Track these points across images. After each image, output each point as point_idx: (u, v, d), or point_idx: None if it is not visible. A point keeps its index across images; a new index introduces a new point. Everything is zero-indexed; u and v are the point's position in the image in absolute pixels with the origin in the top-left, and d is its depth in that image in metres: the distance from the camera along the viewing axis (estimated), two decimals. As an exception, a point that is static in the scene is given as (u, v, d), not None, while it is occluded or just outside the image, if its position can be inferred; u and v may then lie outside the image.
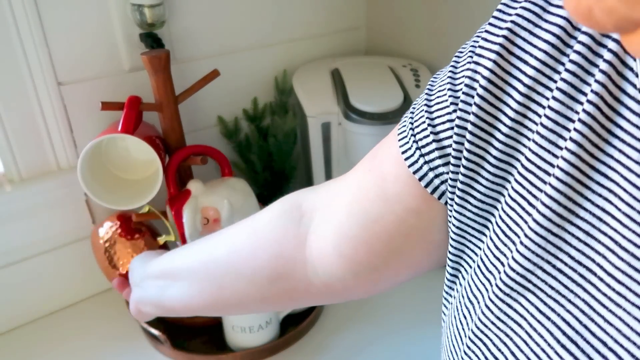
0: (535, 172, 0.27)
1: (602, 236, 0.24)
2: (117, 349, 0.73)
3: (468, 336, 0.31)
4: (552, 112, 0.26)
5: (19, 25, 0.65)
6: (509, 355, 0.28)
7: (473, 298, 0.31)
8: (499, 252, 0.29)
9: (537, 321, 0.26)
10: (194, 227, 0.66)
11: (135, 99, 0.66)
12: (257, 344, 0.70)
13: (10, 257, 0.74)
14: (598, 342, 0.24)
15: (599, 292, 0.24)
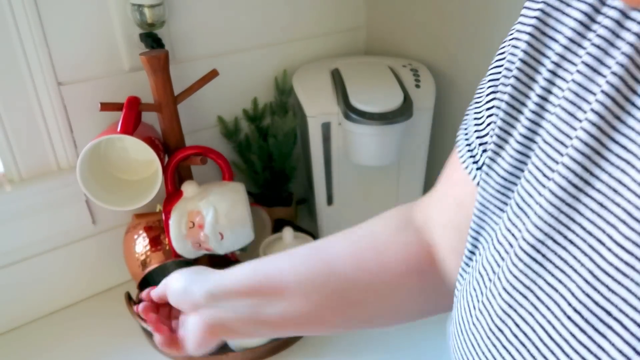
0: (553, 144, 0.27)
1: (615, 207, 0.24)
2: (117, 349, 0.73)
3: (477, 307, 0.31)
4: (575, 85, 0.27)
5: (19, 25, 0.65)
6: (513, 326, 0.28)
7: (484, 271, 0.31)
8: (513, 226, 0.29)
9: (545, 293, 0.26)
10: (178, 229, 0.66)
11: (134, 100, 0.65)
12: (257, 344, 0.70)
13: (10, 257, 0.74)
14: (602, 312, 0.24)
15: (606, 262, 0.24)
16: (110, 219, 0.82)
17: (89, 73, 0.73)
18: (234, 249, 0.70)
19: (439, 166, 1.07)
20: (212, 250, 0.69)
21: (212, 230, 0.66)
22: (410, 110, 0.76)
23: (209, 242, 0.67)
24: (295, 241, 0.76)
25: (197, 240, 0.67)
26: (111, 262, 0.83)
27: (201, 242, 0.67)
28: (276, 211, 0.95)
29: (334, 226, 0.93)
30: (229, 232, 0.67)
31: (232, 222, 0.67)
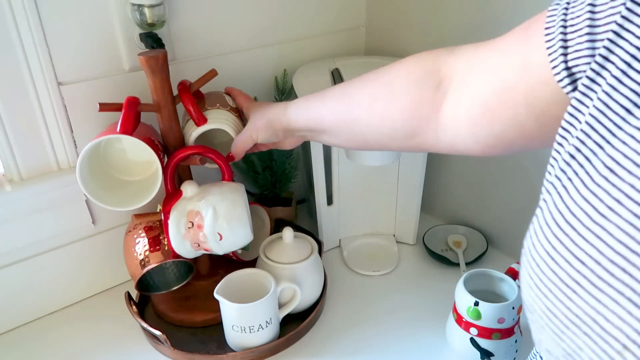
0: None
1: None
2: (117, 349, 0.73)
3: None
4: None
5: (19, 25, 0.65)
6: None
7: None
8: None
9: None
10: (177, 229, 0.66)
11: (134, 100, 0.65)
12: (257, 344, 0.70)
13: (10, 257, 0.74)
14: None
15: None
16: (110, 219, 0.82)
17: (89, 73, 0.73)
18: (233, 249, 0.70)
19: (439, 166, 1.07)
20: (210, 250, 0.69)
21: (211, 231, 0.66)
22: (410, 110, 0.76)
23: (208, 242, 0.67)
24: (295, 241, 0.76)
25: (196, 240, 0.67)
26: (111, 262, 0.83)
27: (200, 242, 0.67)
28: (276, 211, 0.95)
29: (334, 226, 0.93)
30: (228, 232, 0.67)
31: (231, 222, 0.67)
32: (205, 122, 0.69)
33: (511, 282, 0.67)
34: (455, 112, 0.47)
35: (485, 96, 0.43)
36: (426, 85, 0.49)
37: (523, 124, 0.41)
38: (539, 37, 0.37)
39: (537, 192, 0.92)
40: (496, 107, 0.42)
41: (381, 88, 0.53)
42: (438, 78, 0.48)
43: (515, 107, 0.40)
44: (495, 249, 0.93)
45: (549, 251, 0.32)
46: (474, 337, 0.65)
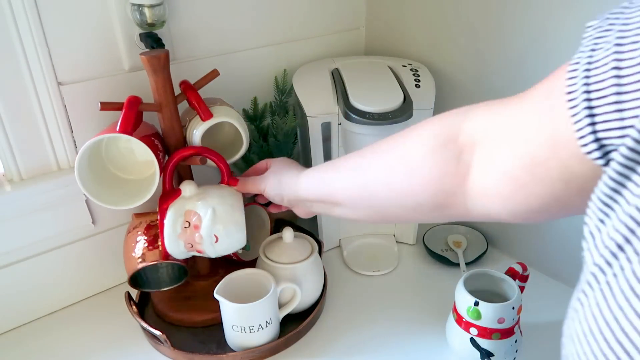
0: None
1: None
2: (117, 349, 0.73)
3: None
4: None
5: (19, 25, 0.65)
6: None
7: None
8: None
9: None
10: (172, 228, 0.66)
11: (135, 99, 0.65)
12: (257, 344, 0.70)
13: (10, 257, 0.74)
14: None
15: None
16: (110, 219, 0.82)
17: (89, 73, 0.73)
18: (226, 253, 0.70)
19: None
20: (203, 252, 0.68)
21: (208, 232, 0.66)
22: (410, 110, 0.76)
23: (203, 243, 0.67)
24: (295, 241, 0.76)
25: (191, 241, 0.67)
26: (111, 262, 0.83)
27: (194, 243, 0.67)
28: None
29: (334, 226, 0.93)
30: (224, 235, 0.67)
31: (229, 225, 0.67)
32: (211, 117, 0.69)
33: (511, 282, 0.67)
34: (484, 186, 0.43)
35: (514, 172, 0.39)
36: (445, 157, 0.45)
37: (563, 198, 0.37)
38: (561, 111, 0.33)
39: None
40: (530, 183, 0.38)
41: (396, 162, 0.50)
42: (457, 148, 0.44)
43: (552, 183, 0.36)
44: (495, 249, 0.93)
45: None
46: (474, 337, 0.65)
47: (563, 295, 0.79)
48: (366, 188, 0.54)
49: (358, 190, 0.55)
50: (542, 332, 0.73)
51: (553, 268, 0.84)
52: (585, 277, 0.30)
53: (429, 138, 0.47)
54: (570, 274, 0.82)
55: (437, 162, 0.46)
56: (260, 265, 0.75)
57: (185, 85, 0.71)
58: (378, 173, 0.52)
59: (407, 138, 0.50)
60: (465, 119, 0.45)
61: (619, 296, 0.26)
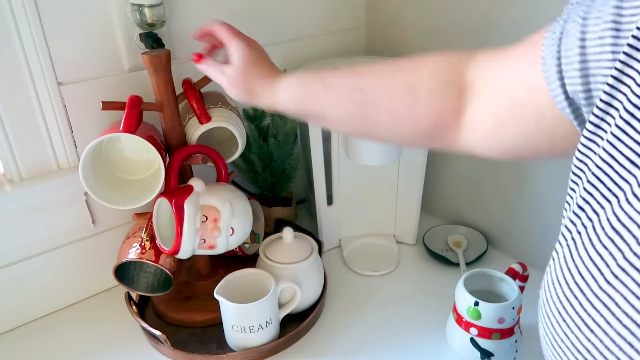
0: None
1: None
2: (117, 349, 0.73)
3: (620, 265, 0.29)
4: None
5: (19, 25, 0.65)
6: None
7: (623, 228, 0.30)
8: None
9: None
10: (193, 223, 0.66)
11: (136, 99, 0.66)
12: (257, 344, 0.70)
13: (10, 257, 0.74)
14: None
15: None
16: (110, 219, 0.82)
17: (89, 73, 0.73)
18: (235, 246, 0.72)
19: (439, 166, 1.07)
20: (214, 247, 0.69)
21: (226, 225, 0.68)
22: (410, 110, 0.76)
23: (220, 236, 0.68)
24: (295, 241, 0.76)
25: (206, 236, 0.68)
26: (111, 262, 0.82)
27: (209, 238, 0.68)
28: (276, 211, 0.95)
29: (334, 226, 0.93)
30: (239, 227, 0.70)
31: (244, 217, 0.71)
32: (209, 120, 0.70)
33: (511, 282, 0.67)
34: (473, 123, 0.46)
35: (498, 112, 0.43)
36: (450, 93, 0.47)
37: (533, 140, 0.41)
38: (539, 60, 0.37)
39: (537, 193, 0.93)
40: (508, 123, 0.42)
41: (402, 90, 0.50)
42: (461, 86, 0.47)
43: (525, 124, 0.41)
44: (495, 249, 0.93)
45: (560, 312, 0.32)
46: (474, 337, 0.65)
47: (563, 295, 0.79)
48: (363, 110, 0.52)
49: (352, 111, 0.53)
50: (542, 332, 0.73)
51: (553, 268, 0.84)
52: (559, 236, 0.34)
53: (438, 71, 0.48)
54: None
55: (442, 97, 0.48)
56: (260, 265, 0.76)
57: (187, 85, 0.71)
58: (381, 97, 0.51)
59: (415, 68, 0.50)
60: (471, 58, 0.47)
61: (581, 249, 0.31)
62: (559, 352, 0.32)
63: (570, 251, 0.32)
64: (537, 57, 0.37)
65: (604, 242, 0.29)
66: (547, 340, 0.34)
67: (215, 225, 0.68)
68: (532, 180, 0.83)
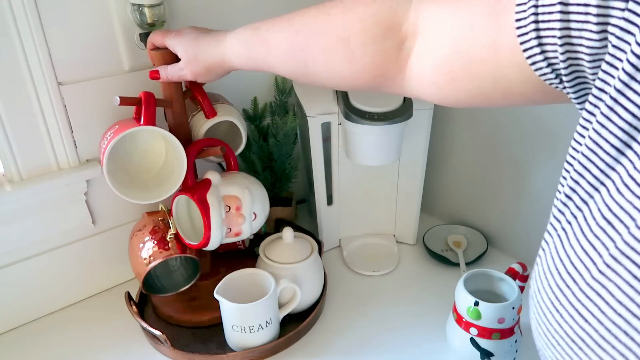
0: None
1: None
2: (117, 349, 0.73)
3: (612, 255, 0.29)
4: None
5: (19, 25, 0.65)
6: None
7: (614, 217, 0.29)
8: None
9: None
10: (219, 214, 0.68)
11: (151, 94, 0.67)
12: (257, 344, 0.70)
13: (10, 257, 0.74)
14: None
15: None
16: (110, 219, 0.82)
17: (89, 73, 0.73)
18: (256, 230, 0.75)
19: (439, 166, 1.07)
20: (240, 233, 0.72)
21: (249, 211, 0.70)
22: (410, 110, 0.76)
23: (244, 223, 0.71)
24: (295, 241, 0.76)
25: (232, 224, 0.70)
26: (111, 262, 0.83)
27: (234, 226, 0.70)
28: (276, 211, 0.95)
29: (334, 226, 0.93)
30: (260, 210, 0.73)
31: (263, 201, 0.73)
32: (216, 115, 0.72)
33: (511, 282, 0.67)
34: (420, 75, 0.44)
35: (451, 66, 0.40)
36: (388, 45, 0.45)
37: (489, 94, 0.40)
38: (508, 17, 0.34)
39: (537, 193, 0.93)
40: (462, 78, 0.40)
41: (336, 44, 0.48)
42: (400, 36, 0.44)
43: (482, 81, 0.39)
44: (495, 249, 0.93)
45: (553, 302, 0.31)
46: (474, 337, 0.65)
47: (563, 295, 0.79)
48: (304, 66, 0.53)
49: (295, 68, 0.54)
50: (542, 332, 0.73)
51: (553, 268, 0.84)
52: (548, 226, 0.34)
53: (371, 24, 0.45)
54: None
55: (378, 50, 0.45)
56: (260, 265, 0.76)
57: (192, 82, 0.72)
58: (317, 54, 0.50)
59: (346, 17, 0.47)
60: (410, 5, 0.44)
61: (572, 239, 0.31)
62: (552, 342, 0.32)
63: (561, 241, 0.32)
64: (504, 16, 0.34)
65: (595, 232, 0.29)
66: (540, 331, 0.34)
67: (239, 213, 0.70)
68: (532, 180, 0.83)
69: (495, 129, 0.87)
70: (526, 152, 0.83)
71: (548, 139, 0.79)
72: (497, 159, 0.88)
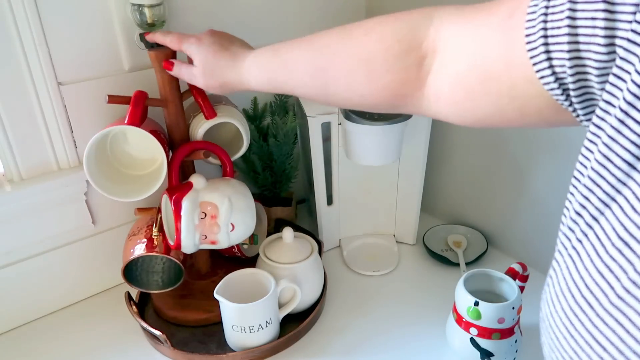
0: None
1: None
2: (117, 349, 0.73)
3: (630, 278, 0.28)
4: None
5: (19, 25, 0.65)
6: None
7: (630, 237, 0.29)
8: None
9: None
10: (191, 219, 0.66)
11: (141, 94, 0.67)
12: (257, 344, 0.70)
13: (10, 257, 0.74)
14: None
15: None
16: (110, 219, 0.82)
17: (89, 73, 0.73)
18: (238, 242, 0.72)
19: (439, 166, 1.07)
20: (216, 242, 0.69)
21: (226, 221, 0.68)
22: (410, 110, 0.76)
23: (220, 232, 0.68)
24: (295, 241, 0.76)
25: (206, 232, 0.68)
26: (111, 262, 0.83)
27: (209, 234, 0.68)
28: (276, 211, 0.95)
29: (334, 226, 0.93)
30: (240, 223, 0.70)
31: (244, 213, 0.70)
32: (215, 116, 0.70)
33: (511, 282, 0.67)
34: (439, 92, 0.45)
35: (469, 83, 0.41)
36: (409, 63, 0.45)
37: (505, 112, 0.40)
38: (520, 33, 0.35)
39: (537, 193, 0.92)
40: (480, 95, 0.41)
41: (358, 64, 0.49)
42: (421, 54, 0.45)
43: (498, 97, 0.39)
44: (495, 249, 0.93)
45: (568, 328, 0.30)
46: (474, 337, 0.65)
47: (563, 295, 0.79)
48: (324, 88, 0.53)
49: (316, 90, 0.54)
50: (542, 332, 0.73)
51: (553, 268, 0.84)
52: (557, 245, 0.33)
53: (392, 42, 0.46)
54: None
55: (400, 69, 0.46)
56: (260, 265, 0.76)
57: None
58: (338, 75, 0.51)
59: (368, 38, 0.48)
60: (431, 23, 0.44)
61: (586, 261, 0.29)
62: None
63: (573, 261, 0.30)
64: (516, 31, 0.35)
65: (611, 253, 0.27)
66: (553, 357, 0.33)
67: (214, 221, 0.68)
68: (532, 180, 0.83)
69: (495, 129, 0.87)
70: (526, 152, 0.83)
71: (548, 139, 0.79)
72: (497, 159, 0.88)
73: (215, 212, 0.68)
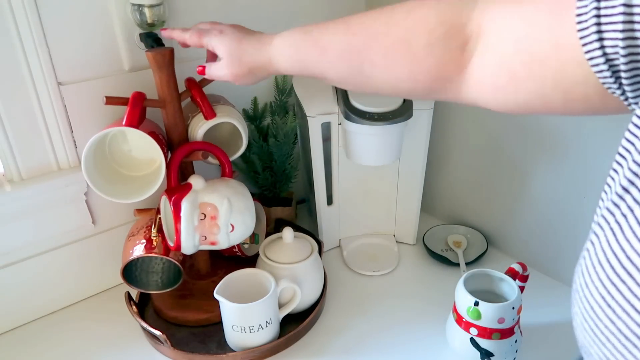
0: None
1: None
2: (117, 349, 0.73)
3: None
4: None
5: (19, 25, 0.65)
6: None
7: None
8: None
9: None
10: (191, 220, 0.66)
11: (139, 95, 0.66)
12: (257, 344, 0.70)
13: (10, 257, 0.74)
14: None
15: None
16: (110, 219, 0.82)
17: (89, 73, 0.73)
18: (238, 242, 0.72)
19: (439, 166, 1.07)
20: (216, 243, 0.69)
21: (225, 222, 0.68)
22: (410, 111, 0.76)
23: (219, 233, 0.68)
24: (295, 241, 0.76)
25: (206, 233, 0.68)
26: (111, 262, 0.83)
27: (209, 235, 0.68)
28: (276, 211, 0.95)
29: (334, 226, 0.93)
30: (239, 223, 0.69)
31: (244, 213, 0.70)
32: (215, 116, 0.70)
33: (511, 282, 0.67)
34: (481, 76, 0.44)
35: (513, 66, 0.40)
36: (451, 46, 0.44)
37: (548, 97, 0.39)
38: (571, 15, 0.34)
39: (537, 192, 0.93)
40: (524, 79, 0.39)
41: (398, 46, 0.47)
42: (464, 37, 0.43)
43: (543, 81, 0.38)
44: (495, 249, 0.93)
45: (604, 296, 0.30)
46: (474, 337, 0.65)
47: (563, 295, 0.79)
48: (362, 71, 0.51)
49: (350, 72, 0.52)
50: (542, 332, 0.73)
51: (553, 268, 0.84)
52: (597, 219, 0.33)
53: (435, 24, 0.44)
54: (570, 274, 0.82)
55: (442, 52, 0.45)
56: (260, 265, 0.76)
57: (190, 83, 0.72)
58: (376, 57, 0.49)
59: (409, 18, 0.46)
60: (475, 5, 0.43)
61: (628, 232, 0.29)
62: (601, 339, 0.31)
63: (614, 234, 0.30)
64: (566, 12, 0.34)
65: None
66: (586, 327, 0.33)
67: (213, 222, 0.68)
68: (532, 180, 0.83)
69: (495, 129, 0.87)
70: (526, 152, 0.83)
71: (548, 139, 0.79)
72: (497, 159, 0.88)
73: (214, 213, 0.68)
